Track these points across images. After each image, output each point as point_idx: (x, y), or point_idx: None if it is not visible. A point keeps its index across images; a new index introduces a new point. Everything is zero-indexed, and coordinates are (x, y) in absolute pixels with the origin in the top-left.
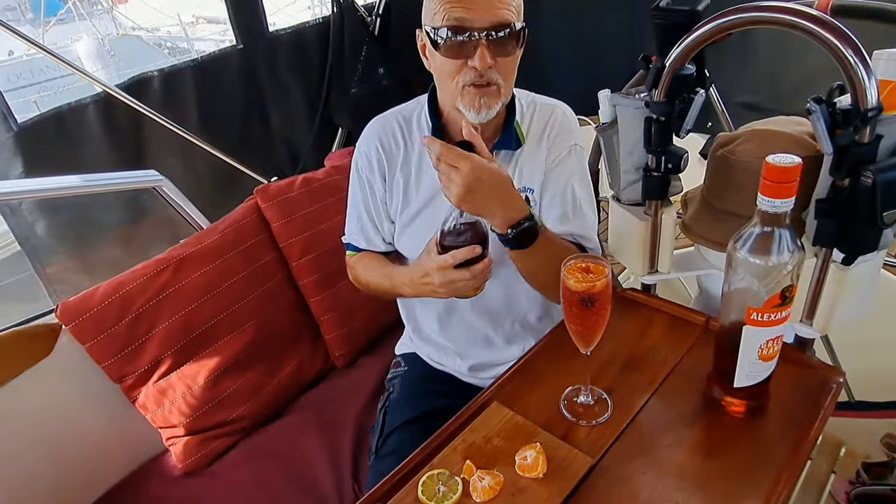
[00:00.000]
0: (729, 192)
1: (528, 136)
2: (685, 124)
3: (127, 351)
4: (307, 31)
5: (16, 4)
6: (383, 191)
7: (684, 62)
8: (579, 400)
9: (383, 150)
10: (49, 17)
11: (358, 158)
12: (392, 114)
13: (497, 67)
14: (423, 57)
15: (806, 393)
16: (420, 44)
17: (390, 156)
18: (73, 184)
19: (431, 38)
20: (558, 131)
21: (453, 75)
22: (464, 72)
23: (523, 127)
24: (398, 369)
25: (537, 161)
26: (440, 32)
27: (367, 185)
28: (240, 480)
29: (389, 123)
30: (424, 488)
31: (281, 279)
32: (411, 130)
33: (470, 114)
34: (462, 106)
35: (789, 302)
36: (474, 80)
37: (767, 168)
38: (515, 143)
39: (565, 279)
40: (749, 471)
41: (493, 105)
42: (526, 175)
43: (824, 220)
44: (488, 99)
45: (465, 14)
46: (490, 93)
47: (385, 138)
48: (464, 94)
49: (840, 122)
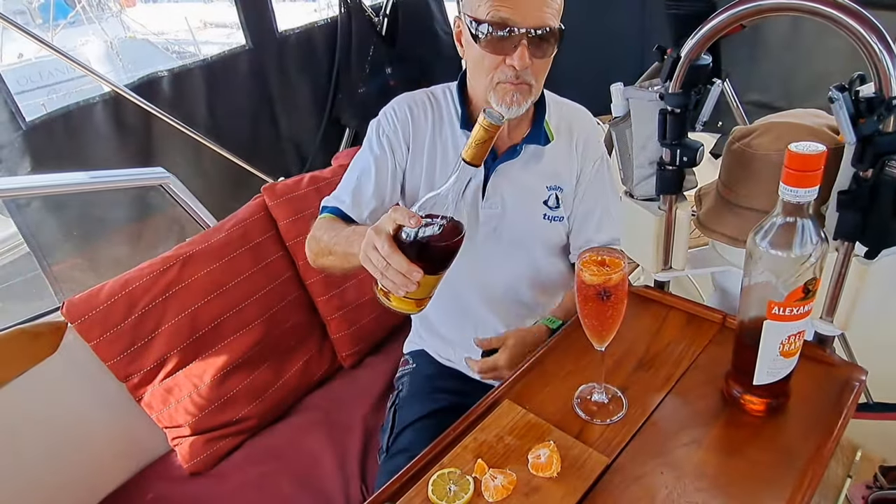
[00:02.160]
0: (746, 186)
1: (557, 134)
2: (701, 116)
3: (133, 349)
4: (315, 32)
5: (25, 9)
6: (404, 159)
7: (700, 52)
8: (593, 398)
9: (412, 117)
10: (58, 21)
11: (381, 121)
12: (422, 92)
13: (532, 67)
14: (458, 44)
15: (827, 391)
16: (456, 30)
17: (419, 127)
18: (81, 180)
19: (472, 31)
20: (587, 136)
21: (489, 71)
22: (501, 69)
23: (552, 124)
24: (407, 367)
25: (567, 162)
26: (482, 27)
27: (386, 147)
28: (245, 481)
29: (421, 98)
30: (435, 487)
31: (288, 278)
32: (441, 115)
33: (500, 107)
34: (494, 100)
35: (812, 296)
36: (511, 78)
37: (790, 156)
38: (544, 139)
39: (580, 273)
40: (770, 471)
41: (524, 102)
42: (555, 173)
43: (846, 212)
44: (520, 95)
45: (511, 14)
46: (523, 90)
47: (416, 109)
48: (497, 89)
49: (863, 110)
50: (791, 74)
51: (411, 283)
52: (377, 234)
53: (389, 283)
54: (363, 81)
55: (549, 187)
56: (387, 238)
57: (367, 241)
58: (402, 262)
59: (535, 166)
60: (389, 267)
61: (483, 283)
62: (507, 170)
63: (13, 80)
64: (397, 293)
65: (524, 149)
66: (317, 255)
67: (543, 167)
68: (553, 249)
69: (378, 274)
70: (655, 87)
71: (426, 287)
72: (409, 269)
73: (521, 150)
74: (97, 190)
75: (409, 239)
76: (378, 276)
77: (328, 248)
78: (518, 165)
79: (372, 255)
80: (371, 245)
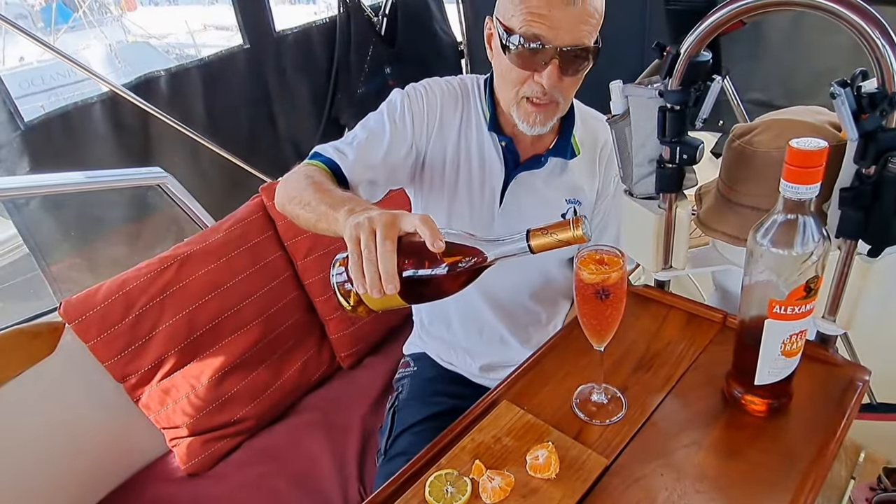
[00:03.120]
0: (746, 184)
1: (582, 148)
2: (701, 113)
3: (130, 349)
4: (313, 32)
5: (27, 13)
6: (424, 146)
7: (700, 49)
8: (592, 398)
9: (441, 106)
10: (60, 25)
11: (410, 94)
12: (455, 80)
13: (561, 84)
14: (487, 46)
15: (830, 392)
16: (487, 32)
17: (447, 119)
18: (77, 180)
19: (502, 41)
20: (609, 152)
21: (516, 84)
22: (528, 84)
23: (577, 138)
24: (407, 369)
25: (589, 176)
26: (513, 38)
27: (408, 123)
28: (243, 483)
29: (452, 88)
30: (432, 489)
31: (286, 278)
32: (469, 111)
33: (523, 125)
34: (516, 116)
35: (814, 294)
36: (537, 94)
37: (791, 152)
38: (571, 153)
39: (579, 271)
40: (772, 473)
41: (549, 122)
42: (576, 188)
43: (848, 209)
44: (545, 116)
45: (546, 33)
46: (548, 110)
47: (447, 98)
48: (520, 106)
49: (866, 106)
50: (792, 73)
51: (377, 291)
52: (386, 226)
53: (357, 272)
54: (362, 81)
55: (568, 200)
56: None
57: (373, 221)
58: (389, 269)
59: (557, 179)
60: (372, 262)
61: (492, 290)
62: (529, 179)
63: (15, 83)
64: (357, 287)
65: (549, 161)
66: (289, 201)
67: (565, 180)
68: (566, 262)
69: (354, 257)
70: (655, 84)
71: (386, 303)
72: (389, 279)
73: (546, 162)
74: (94, 190)
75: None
76: (352, 259)
77: (308, 201)
78: (540, 176)
79: (364, 236)
80: (370, 229)
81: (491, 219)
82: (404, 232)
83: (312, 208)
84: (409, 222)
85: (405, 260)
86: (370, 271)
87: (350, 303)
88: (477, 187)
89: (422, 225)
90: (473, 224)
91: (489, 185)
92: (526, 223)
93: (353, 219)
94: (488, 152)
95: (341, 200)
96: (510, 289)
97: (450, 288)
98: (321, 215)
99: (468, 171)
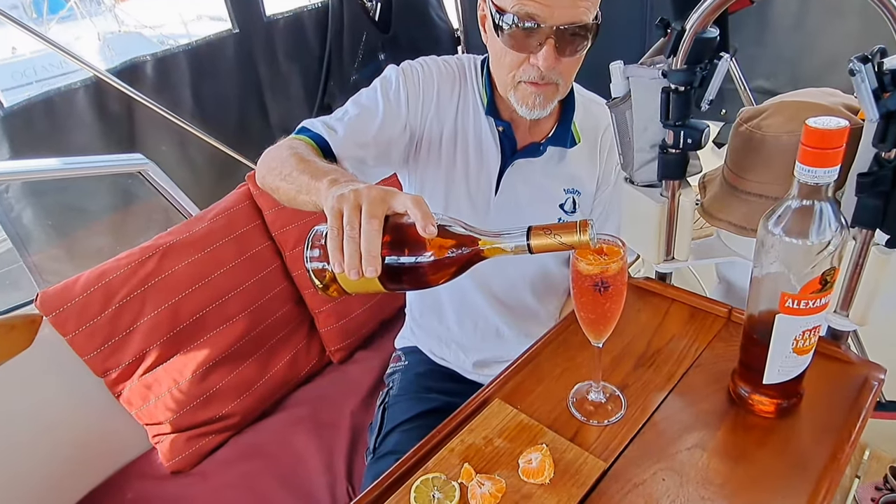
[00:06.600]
0: (755, 171)
1: (583, 136)
2: (707, 94)
3: (110, 343)
4: (305, 16)
5: (19, 3)
6: (418, 128)
7: (707, 24)
8: (590, 397)
9: (438, 87)
10: (52, 16)
11: (406, 72)
12: (452, 60)
13: (559, 65)
14: (481, 28)
15: (843, 391)
16: (481, 13)
17: (444, 101)
18: (55, 167)
19: (495, 22)
20: (611, 140)
21: (511, 68)
22: (524, 67)
23: (578, 125)
24: (398, 364)
25: (589, 165)
26: (506, 18)
27: (403, 102)
28: (229, 481)
29: (449, 68)
30: (418, 494)
31: (274, 269)
32: (467, 93)
33: (522, 109)
34: (514, 100)
35: (830, 287)
36: (534, 78)
37: (808, 132)
38: (570, 141)
39: (576, 262)
40: (783, 478)
41: (548, 104)
42: (576, 177)
43: (866, 197)
44: (544, 98)
45: (539, 11)
46: (548, 91)
47: (444, 78)
48: (518, 89)
49: (888, 83)
50: (799, 60)
51: (354, 272)
52: (374, 202)
53: (335, 249)
54: (356, 68)
55: (566, 190)
56: (383, 213)
57: (359, 195)
58: (372, 249)
59: (555, 168)
60: (354, 240)
61: (488, 282)
62: (526, 167)
63: (7, 74)
64: (333, 266)
65: (548, 149)
66: (269, 172)
67: (563, 169)
68: (565, 254)
69: (334, 232)
70: (658, 64)
71: (363, 286)
72: (371, 261)
73: (545, 151)
74: (73, 177)
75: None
76: (331, 234)
77: (289, 173)
78: (538, 165)
79: (348, 210)
80: (355, 203)
81: (486, 208)
82: (393, 211)
83: (293, 179)
84: (400, 202)
85: (390, 242)
86: (350, 250)
87: (322, 282)
88: (473, 174)
89: (414, 206)
90: (471, 212)
91: (485, 171)
92: (522, 213)
93: (336, 189)
94: (485, 137)
95: (325, 171)
96: (506, 283)
97: (435, 278)
98: (301, 186)
99: (465, 156)
